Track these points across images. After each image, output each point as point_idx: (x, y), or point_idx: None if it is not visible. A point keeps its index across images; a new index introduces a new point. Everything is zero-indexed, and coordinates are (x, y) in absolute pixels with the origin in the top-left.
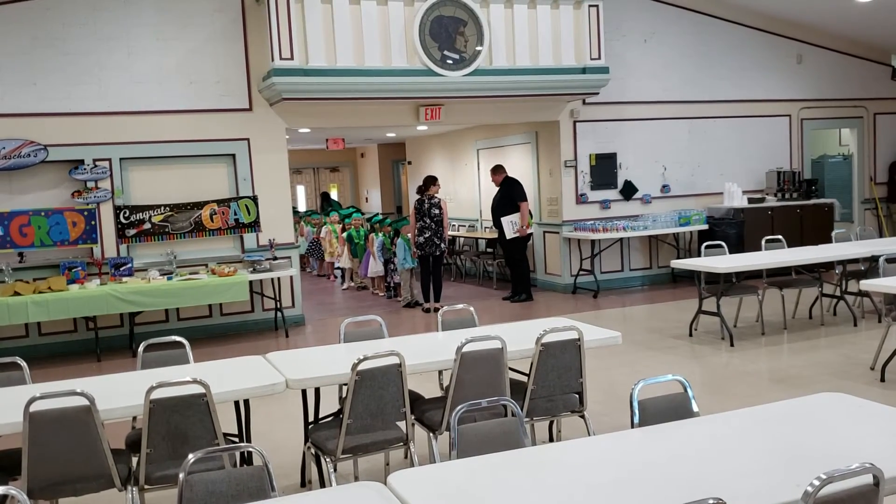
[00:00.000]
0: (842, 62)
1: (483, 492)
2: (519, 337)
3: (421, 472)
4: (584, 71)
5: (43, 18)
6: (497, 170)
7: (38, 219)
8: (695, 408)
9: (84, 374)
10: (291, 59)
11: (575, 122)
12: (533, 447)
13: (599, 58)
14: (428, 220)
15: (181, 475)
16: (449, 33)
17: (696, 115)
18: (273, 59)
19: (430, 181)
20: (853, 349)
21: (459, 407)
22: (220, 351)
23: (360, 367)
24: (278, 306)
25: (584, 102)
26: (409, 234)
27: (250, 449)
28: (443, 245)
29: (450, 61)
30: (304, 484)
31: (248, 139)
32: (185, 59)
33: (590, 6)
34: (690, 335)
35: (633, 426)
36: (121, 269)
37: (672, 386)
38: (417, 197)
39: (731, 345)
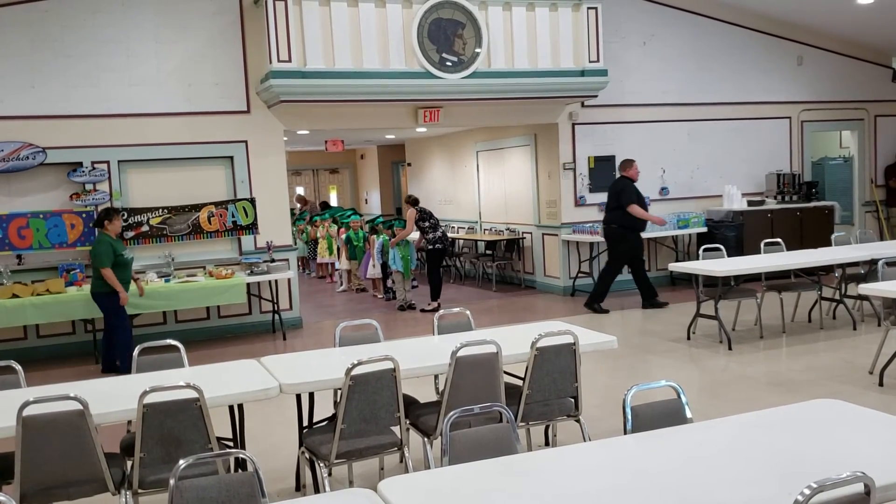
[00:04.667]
0: (842, 64)
1: (473, 499)
2: (514, 341)
3: (411, 478)
4: (582, 73)
5: (42, 21)
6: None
7: (36, 221)
8: (688, 414)
9: (82, 377)
10: (289, 61)
11: (574, 125)
12: (523, 454)
13: (598, 60)
14: (433, 220)
15: (172, 481)
16: (447, 36)
17: (696, 118)
18: (271, 62)
19: (415, 200)
20: (852, 353)
21: (451, 413)
22: (217, 354)
23: (353, 372)
24: (276, 309)
25: (582, 105)
26: (407, 238)
27: (240, 455)
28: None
29: (448, 64)
30: (299, 488)
31: (245, 141)
32: (184, 62)
33: (588, 8)
34: (688, 339)
35: (625, 433)
36: None
37: (667, 391)
38: (413, 209)
39: (730, 348)
